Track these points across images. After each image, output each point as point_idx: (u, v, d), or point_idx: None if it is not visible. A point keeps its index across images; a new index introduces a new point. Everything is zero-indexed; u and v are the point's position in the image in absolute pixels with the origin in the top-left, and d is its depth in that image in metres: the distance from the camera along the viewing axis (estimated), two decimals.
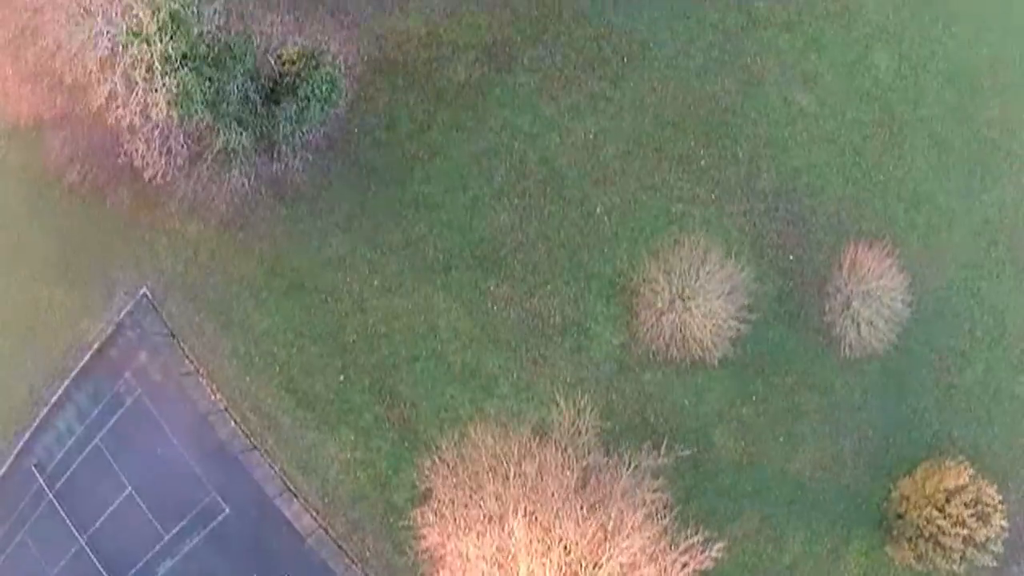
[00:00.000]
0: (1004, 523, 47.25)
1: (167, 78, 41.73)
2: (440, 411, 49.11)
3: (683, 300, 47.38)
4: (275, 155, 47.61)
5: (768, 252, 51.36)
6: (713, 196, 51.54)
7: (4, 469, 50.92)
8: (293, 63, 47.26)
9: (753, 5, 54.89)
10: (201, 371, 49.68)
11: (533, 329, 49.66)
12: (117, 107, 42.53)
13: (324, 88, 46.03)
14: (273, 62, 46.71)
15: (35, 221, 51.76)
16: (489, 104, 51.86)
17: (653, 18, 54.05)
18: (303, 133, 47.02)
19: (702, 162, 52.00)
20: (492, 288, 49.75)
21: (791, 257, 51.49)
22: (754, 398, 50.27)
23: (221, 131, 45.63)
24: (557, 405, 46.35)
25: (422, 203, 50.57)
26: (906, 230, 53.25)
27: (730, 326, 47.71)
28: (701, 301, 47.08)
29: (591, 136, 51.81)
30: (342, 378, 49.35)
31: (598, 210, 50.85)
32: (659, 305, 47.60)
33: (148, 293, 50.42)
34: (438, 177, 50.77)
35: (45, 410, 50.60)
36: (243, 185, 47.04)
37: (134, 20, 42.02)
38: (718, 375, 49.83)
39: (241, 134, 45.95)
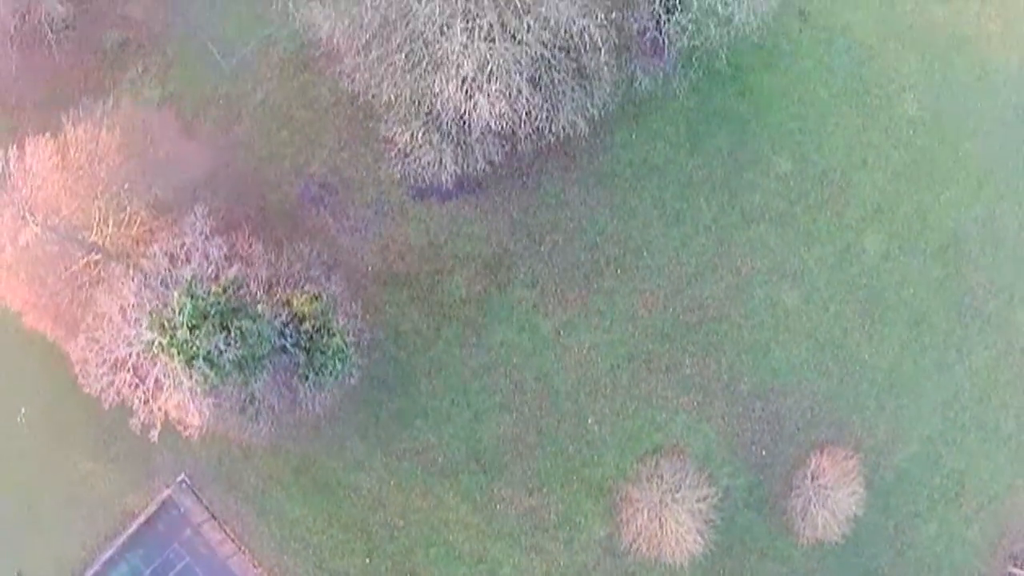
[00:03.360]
0: None
1: (200, 409, 47.40)
2: None
3: (660, 519, 54.57)
4: (296, 403, 53.45)
5: (742, 449, 57.49)
6: (695, 403, 56.95)
7: None
8: (303, 320, 51.76)
9: (747, 200, 56.97)
10: (243, 549, 58.58)
11: (531, 523, 57.40)
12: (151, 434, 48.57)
13: (335, 364, 50.99)
14: (284, 323, 51.14)
15: (72, 399, 57.77)
16: (489, 321, 56.30)
17: (647, 222, 56.76)
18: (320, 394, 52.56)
19: (687, 370, 56.92)
20: (495, 489, 56.98)
21: (763, 452, 57.67)
22: (722, 573, 58.58)
23: (245, 404, 51.58)
24: None
25: (430, 414, 56.63)
26: (875, 415, 58.66)
27: (699, 535, 55.13)
28: (675, 524, 54.28)
29: (585, 352, 56.55)
30: (368, 560, 58.08)
31: (589, 421, 56.78)
32: (639, 522, 54.98)
33: (187, 480, 58.24)
34: (443, 392, 56.46)
35: (98, 566, 58.27)
36: (269, 431, 53.33)
37: (159, 357, 46.93)
38: (691, 557, 57.84)
39: (266, 400, 51.79)
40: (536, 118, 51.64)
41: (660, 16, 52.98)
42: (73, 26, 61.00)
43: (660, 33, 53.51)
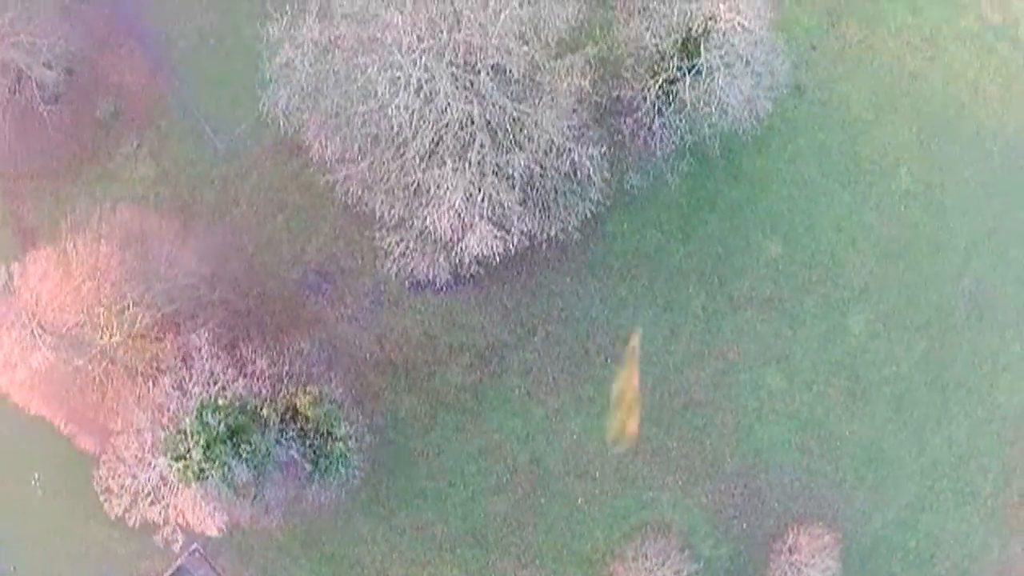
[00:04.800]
0: None
1: (216, 523, 50.68)
2: None
3: None
4: (302, 496, 56.58)
5: (724, 523, 60.56)
6: (680, 482, 59.79)
7: None
8: (307, 421, 54.46)
9: (736, 286, 58.53)
10: None
11: None
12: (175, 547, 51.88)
13: (339, 468, 53.90)
14: (290, 438, 53.89)
15: (83, 466, 60.37)
16: (484, 408, 58.73)
17: (638, 311, 58.44)
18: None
19: (672, 453, 59.56)
20: (491, 562, 60.44)
21: (744, 525, 60.78)
22: None
23: (255, 499, 54.79)
24: None
25: (429, 494, 59.68)
26: (854, 486, 61.43)
27: None
28: None
29: (575, 437, 59.16)
30: None
31: (579, 500, 59.81)
32: None
33: (200, 549, 61.91)
34: (441, 473, 59.38)
35: None
36: (278, 520, 56.64)
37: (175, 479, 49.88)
38: None
39: (274, 496, 55.01)
40: (529, 227, 52.55)
41: (653, 119, 53.17)
42: (65, 99, 61.08)
43: (653, 136, 53.78)
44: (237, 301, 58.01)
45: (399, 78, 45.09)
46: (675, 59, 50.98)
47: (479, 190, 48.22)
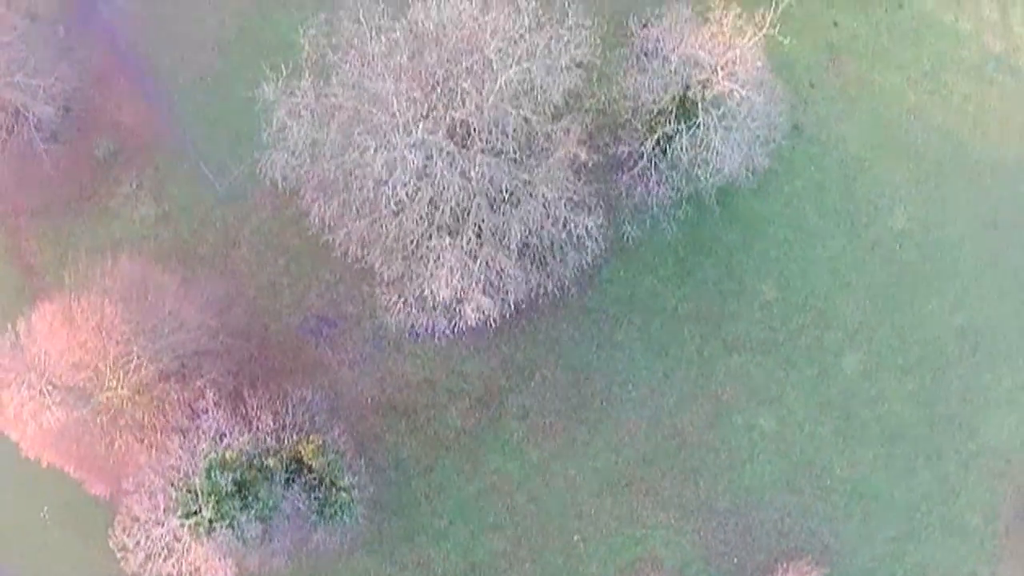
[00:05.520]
0: None
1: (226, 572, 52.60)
2: None
3: None
4: (308, 540, 58.41)
5: (715, 558, 62.26)
6: (673, 520, 61.38)
7: None
8: (311, 471, 56.13)
9: (730, 330, 59.52)
10: None
11: None
12: None
13: (343, 515, 55.66)
14: (297, 492, 55.45)
15: (91, 501, 62.16)
16: (483, 451, 60.18)
17: (633, 355, 59.53)
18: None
19: (666, 492, 61.08)
20: None
21: (735, 560, 62.53)
22: None
23: (263, 544, 56.62)
24: None
25: (430, 532, 61.38)
26: (843, 521, 62.94)
27: None
28: None
29: (571, 478, 60.64)
30: None
31: (575, 538, 61.52)
32: None
33: None
34: (442, 513, 61.03)
35: None
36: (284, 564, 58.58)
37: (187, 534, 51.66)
38: None
39: (281, 542, 56.90)
40: (526, 289, 53.30)
41: (650, 174, 53.55)
42: (63, 138, 61.40)
43: (649, 191, 54.22)
44: (240, 348, 58.97)
45: (395, 159, 45.34)
46: (672, 117, 51.03)
47: (475, 259, 48.76)
